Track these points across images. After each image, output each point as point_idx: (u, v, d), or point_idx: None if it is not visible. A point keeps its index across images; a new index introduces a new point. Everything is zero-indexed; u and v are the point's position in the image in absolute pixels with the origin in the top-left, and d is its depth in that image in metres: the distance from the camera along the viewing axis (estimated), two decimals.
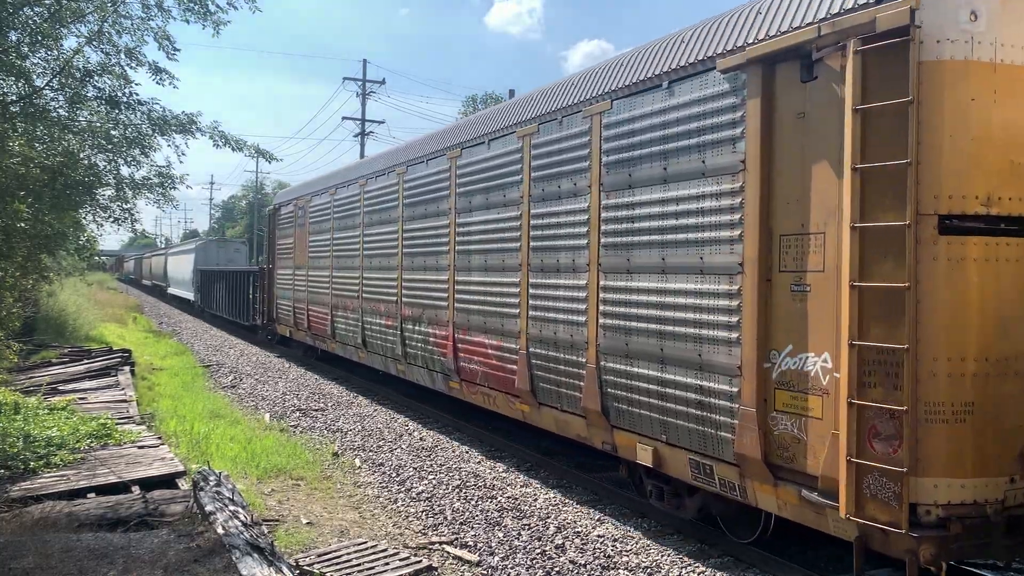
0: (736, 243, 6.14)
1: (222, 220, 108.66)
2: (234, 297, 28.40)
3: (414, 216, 12.38)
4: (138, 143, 8.98)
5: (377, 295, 13.87)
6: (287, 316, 20.06)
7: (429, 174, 11.84)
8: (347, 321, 15.56)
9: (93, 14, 8.27)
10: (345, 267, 15.69)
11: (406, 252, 12.68)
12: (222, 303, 30.87)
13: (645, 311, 7.14)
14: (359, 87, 47.11)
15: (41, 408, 10.75)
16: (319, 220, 17.55)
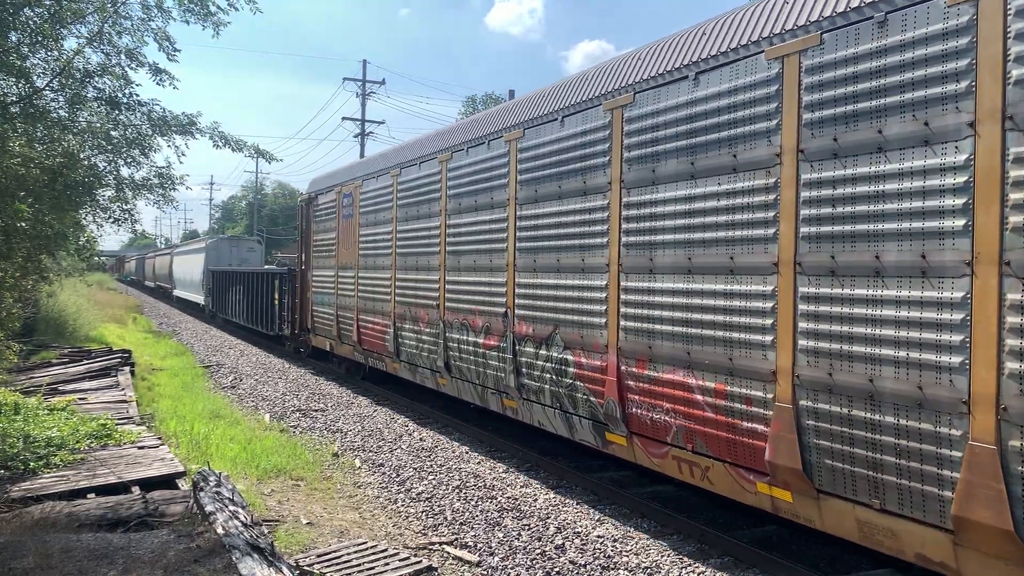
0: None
1: (222, 220, 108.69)
2: (255, 302, 25.12)
3: (538, 197, 9.12)
4: (138, 144, 8.99)
5: (471, 305, 10.66)
6: (327, 326, 16.95)
7: (567, 136, 8.59)
8: (420, 337, 12.21)
9: (93, 15, 8.28)
10: (416, 267, 12.48)
11: (525, 247, 9.41)
12: (239, 309, 27.72)
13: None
14: (359, 87, 47.11)
15: (41, 408, 10.75)
16: (375, 209, 14.30)
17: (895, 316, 5.15)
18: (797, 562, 6.60)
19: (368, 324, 14.50)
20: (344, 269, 15.84)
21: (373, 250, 14.38)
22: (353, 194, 15.24)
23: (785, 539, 7.35)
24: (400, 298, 13.00)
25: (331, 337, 16.71)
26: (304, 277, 18.91)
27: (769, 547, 7.03)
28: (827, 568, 6.67)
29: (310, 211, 18.58)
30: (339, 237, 16.16)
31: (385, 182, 13.83)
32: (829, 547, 7.08)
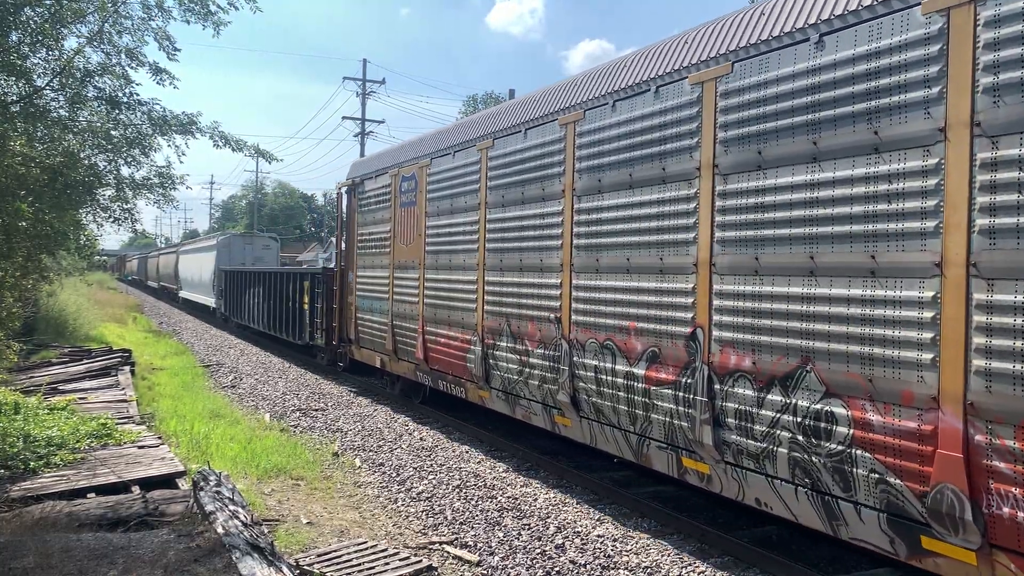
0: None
1: (222, 220, 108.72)
2: (278, 306, 22.16)
3: (747, 162, 6.31)
4: (138, 143, 8.98)
5: (620, 320, 7.75)
6: (377, 338, 14.00)
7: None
8: (526, 359, 9.29)
9: (94, 14, 8.27)
10: (519, 267, 9.47)
11: (737, 237, 6.40)
12: (258, 313, 24.68)
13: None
14: (359, 87, 47.11)
15: (41, 408, 10.76)
16: (452, 193, 11.28)
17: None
18: (797, 561, 6.59)
19: (440, 338, 11.53)
20: (403, 269, 12.89)
21: (448, 245, 11.35)
22: (417, 176, 12.26)
23: (785, 539, 7.35)
24: (493, 307, 10.03)
25: (383, 351, 13.64)
26: (344, 279, 15.93)
27: (769, 547, 7.03)
28: (827, 568, 6.67)
29: (352, 200, 15.52)
30: (395, 230, 13.15)
31: (468, 158, 10.78)
32: (829, 547, 7.08)
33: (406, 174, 12.93)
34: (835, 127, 5.62)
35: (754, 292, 6.22)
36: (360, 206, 15.17)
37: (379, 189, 14.17)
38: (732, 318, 6.41)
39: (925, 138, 5.03)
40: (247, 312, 26.52)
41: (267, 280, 23.58)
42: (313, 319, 18.67)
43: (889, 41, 5.28)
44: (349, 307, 15.69)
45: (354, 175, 15.75)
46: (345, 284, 16.03)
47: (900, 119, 5.19)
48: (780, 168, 6.03)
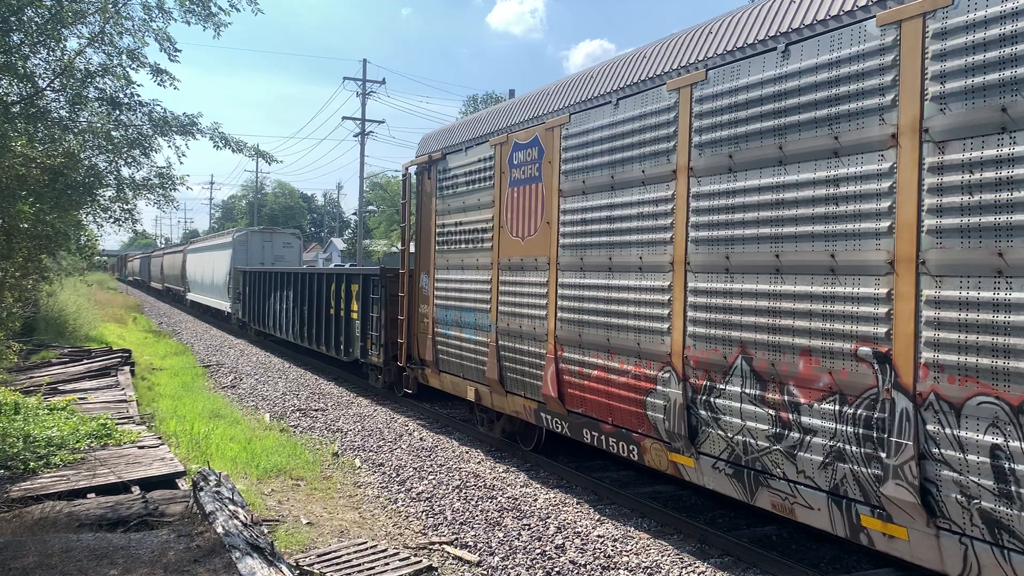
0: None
1: (222, 220, 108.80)
2: (314, 314, 18.73)
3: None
4: (139, 144, 9.00)
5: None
6: (468, 361, 10.78)
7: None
8: (788, 417, 6.00)
9: (95, 15, 8.28)
10: (774, 267, 6.18)
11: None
12: (286, 321, 21.21)
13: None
14: (359, 87, 47.12)
15: (41, 408, 10.76)
16: (609, 160, 8.03)
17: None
18: (797, 562, 6.60)
19: (590, 369, 8.21)
20: (516, 271, 9.63)
21: (604, 236, 8.03)
22: (543, 142, 9.06)
23: (785, 539, 7.36)
24: (709, 328, 6.73)
25: (478, 380, 10.53)
26: (414, 283, 12.72)
27: (769, 547, 7.04)
28: (827, 568, 6.68)
29: (425, 183, 12.40)
30: (501, 217, 9.96)
31: (648, 105, 7.48)
32: (829, 547, 7.08)
33: (521, 140, 9.58)
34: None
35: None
36: (440, 189, 11.74)
37: (472, 165, 10.79)
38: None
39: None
40: (271, 319, 22.85)
41: (300, 282, 19.89)
42: (366, 331, 15.12)
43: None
44: (422, 320, 12.29)
45: (428, 150, 12.39)
46: (415, 290, 12.63)
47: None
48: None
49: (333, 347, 17.38)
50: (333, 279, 17.58)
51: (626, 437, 7.83)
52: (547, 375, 8.90)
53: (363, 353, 15.41)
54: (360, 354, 15.57)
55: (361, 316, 15.44)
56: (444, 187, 11.73)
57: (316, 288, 18.77)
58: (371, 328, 14.86)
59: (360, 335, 15.53)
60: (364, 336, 15.32)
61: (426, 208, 12.39)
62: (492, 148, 10.33)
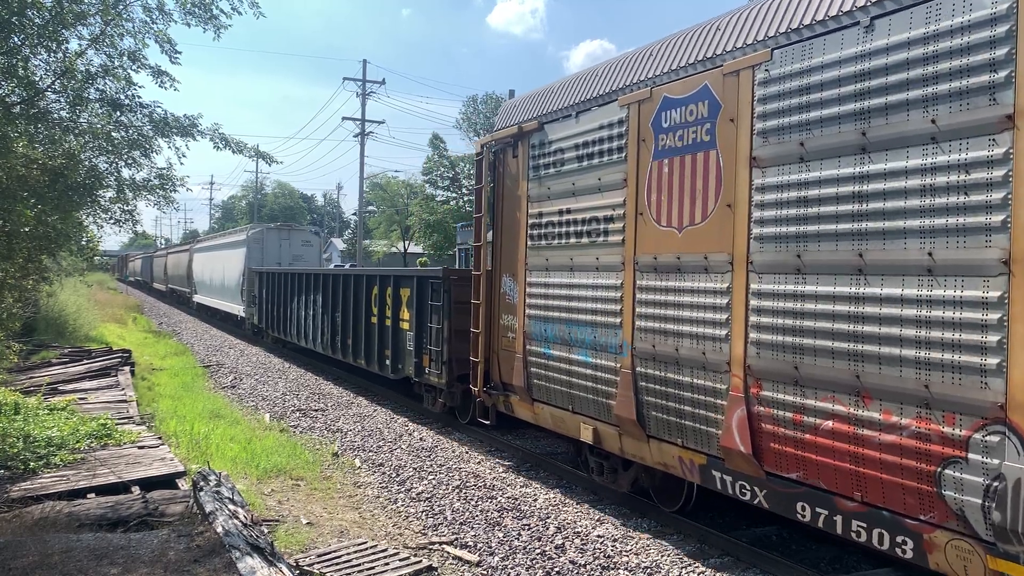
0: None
1: (222, 220, 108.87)
2: (349, 322, 16.26)
3: None
4: (139, 145, 9.01)
5: None
6: (579, 391, 8.47)
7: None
8: None
9: (95, 16, 8.30)
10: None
11: None
12: (313, 329, 18.82)
13: None
14: (359, 87, 47.14)
15: (41, 408, 10.77)
16: (856, 112, 5.48)
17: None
18: (797, 562, 6.61)
19: (809, 418, 5.81)
20: (667, 273, 7.16)
21: (844, 223, 5.60)
22: (721, 91, 6.62)
23: (785, 539, 7.36)
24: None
25: (599, 416, 8.14)
26: (492, 287, 10.33)
27: (769, 547, 7.05)
28: (827, 568, 6.68)
29: (511, 162, 9.94)
30: (641, 200, 7.50)
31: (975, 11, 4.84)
32: (829, 547, 7.09)
33: (676, 93, 7.06)
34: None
35: None
36: (534, 169, 9.34)
37: (587, 134, 8.35)
38: None
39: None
40: (294, 326, 20.37)
41: (332, 285, 17.38)
42: (423, 345, 12.68)
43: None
44: (506, 334, 9.93)
45: (513, 120, 10.01)
46: (495, 297, 10.25)
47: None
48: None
49: (376, 362, 14.71)
50: (375, 282, 15.00)
51: (892, 524, 5.25)
52: (730, 420, 6.33)
53: (418, 371, 12.80)
54: (414, 372, 12.94)
55: (415, 326, 12.90)
56: (541, 165, 9.18)
57: (353, 292, 16.07)
58: (429, 341, 12.32)
59: (414, 349, 12.93)
60: (419, 350, 12.78)
61: (511, 194, 9.88)
62: (623, 109, 7.73)
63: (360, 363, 15.71)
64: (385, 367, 14.36)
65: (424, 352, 12.65)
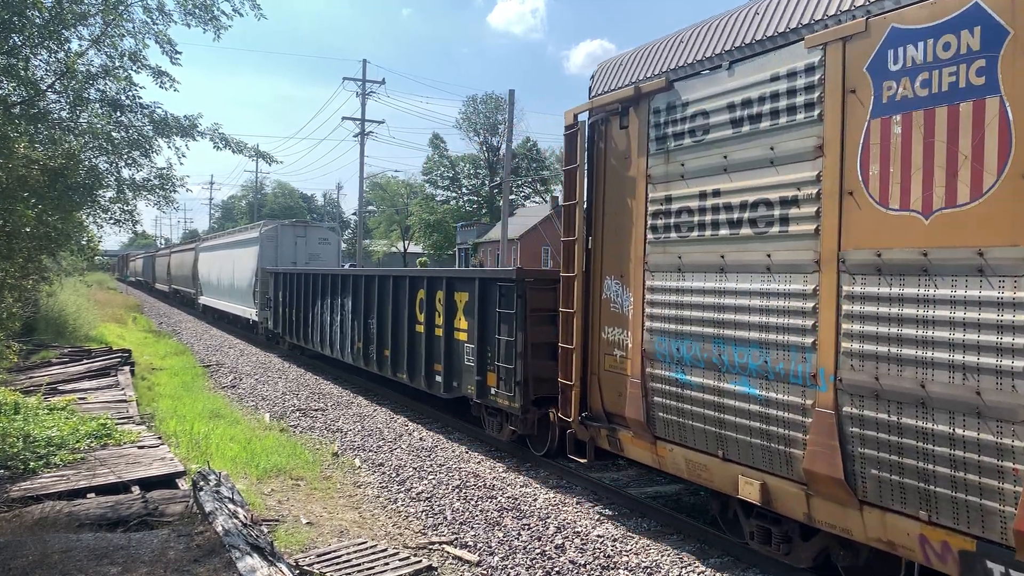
0: None
1: (222, 220, 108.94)
2: (386, 330, 14.04)
3: None
4: (139, 146, 9.01)
5: None
6: (731, 430, 6.52)
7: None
8: None
9: (95, 17, 8.30)
10: None
11: None
12: (341, 337, 16.68)
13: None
14: (359, 87, 47.16)
15: (41, 408, 10.77)
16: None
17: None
18: None
19: None
20: (902, 275, 5.20)
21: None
22: (1010, 11, 4.64)
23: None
24: None
25: (772, 469, 6.23)
26: (591, 294, 8.40)
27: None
28: (827, 567, 6.68)
29: (617, 136, 8.00)
30: (851, 174, 5.56)
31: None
32: None
33: (912, 23, 5.23)
34: None
35: None
36: (659, 140, 7.32)
37: (747, 90, 6.43)
38: None
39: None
40: (317, 333, 18.41)
41: (365, 288, 15.21)
42: (486, 360, 10.72)
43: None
44: (611, 351, 8.01)
45: (623, 80, 8.09)
46: (596, 305, 8.30)
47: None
48: None
49: (422, 377, 12.62)
50: (422, 284, 12.88)
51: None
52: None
53: (481, 391, 10.78)
54: (476, 392, 10.84)
55: (477, 338, 10.85)
56: (670, 136, 7.17)
57: (393, 296, 13.86)
58: (497, 356, 10.37)
59: (475, 365, 10.89)
60: (483, 367, 10.78)
61: (618, 175, 7.92)
62: (814, 51, 5.84)
63: (400, 378, 13.49)
64: (434, 384, 12.25)
65: (489, 369, 10.63)
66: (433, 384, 12.35)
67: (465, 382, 11.30)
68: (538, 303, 9.79)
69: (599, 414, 8.25)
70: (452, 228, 75.58)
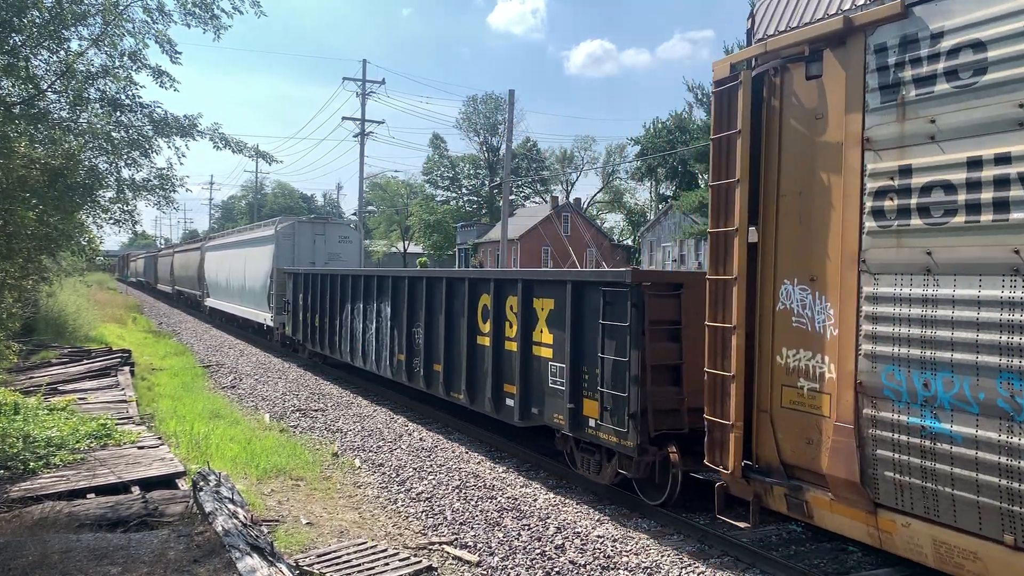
0: None
1: (222, 220, 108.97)
2: (437, 341, 12.09)
3: None
4: (139, 146, 9.01)
5: None
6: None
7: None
8: None
9: (95, 16, 8.30)
10: None
11: None
12: (377, 347, 14.47)
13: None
14: (359, 87, 47.15)
15: (41, 408, 10.77)
16: None
17: None
18: (798, 562, 6.60)
19: None
20: None
21: None
22: None
23: (785, 539, 7.36)
24: None
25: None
26: (756, 301, 6.62)
27: (769, 547, 7.04)
28: (827, 568, 6.68)
29: (808, 87, 6.14)
30: None
31: None
32: (829, 547, 7.09)
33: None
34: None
35: None
36: (887, 92, 5.50)
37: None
38: None
39: None
40: (346, 342, 16.23)
41: (410, 291, 13.06)
42: (580, 383, 8.74)
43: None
44: (795, 381, 6.25)
45: (809, 14, 6.26)
46: (767, 318, 6.53)
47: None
48: None
49: (488, 400, 10.47)
50: (486, 287, 10.67)
51: None
52: None
53: (574, 421, 8.73)
54: (568, 422, 8.77)
55: (568, 355, 8.81)
56: (911, 81, 5.34)
57: (445, 301, 11.78)
58: (600, 380, 8.26)
59: (567, 389, 8.82)
60: (576, 392, 8.74)
61: (803, 142, 6.19)
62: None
63: (456, 398, 11.55)
64: (504, 409, 10.22)
65: (587, 395, 8.60)
66: (502, 409, 10.27)
67: (550, 409, 9.24)
68: (659, 313, 7.86)
69: (771, 466, 6.39)
70: (452, 228, 75.59)
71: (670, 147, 57.80)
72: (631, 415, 7.77)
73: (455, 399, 11.64)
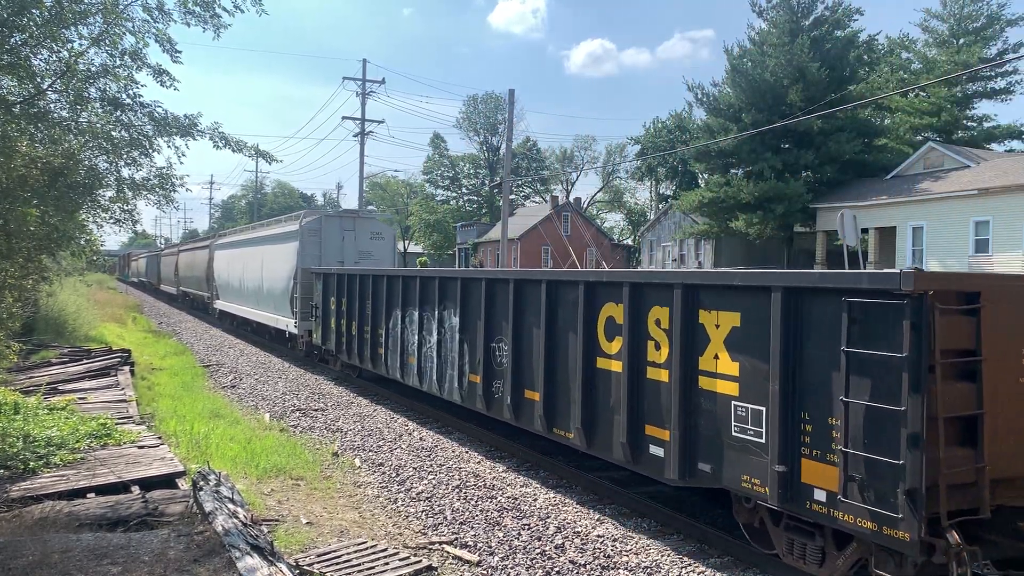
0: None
1: (222, 220, 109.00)
2: (531, 360, 9.42)
3: None
4: (139, 145, 9.00)
5: None
6: None
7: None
8: None
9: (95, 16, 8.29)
10: None
11: None
12: (441, 364, 11.85)
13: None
14: (359, 87, 47.15)
15: (41, 408, 10.77)
16: None
17: None
18: None
19: None
20: None
21: None
22: None
23: None
24: None
25: None
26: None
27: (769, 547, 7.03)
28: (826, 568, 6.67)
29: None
30: None
31: None
32: None
33: None
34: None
35: None
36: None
37: None
38: None
39: None
40: (396, 355, 13.55)
41: (487, 295, 10.53)
42: (797, 437, 6.06)
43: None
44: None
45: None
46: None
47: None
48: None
49: (619, 444, 7.84)
50: (614, 295, 8.06)
51: None
52: None
53: (787, 491, 6.08)
54: (777, 492, 6.10)
55: (777, 395, 6.14)
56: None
57: (545, 311, 9.14)
58: (846, 436, 5.66)
59: (775, 443, 6.14)
60: (789, 448, 6.10)
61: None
62: None
63: (564, 437, 8.87)
64: (648, 460, 7.56)
65: (811, 453, 5.98)
66: (643, 459, 7.62)
67: (734, 468, 6.60)
68: (953, 340, 5.42)
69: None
70: (452, 228, 75.59)
71: (670, 147, 57.81)
72: (907, 492, 5.22)
73: (561, 438, 8.95)
